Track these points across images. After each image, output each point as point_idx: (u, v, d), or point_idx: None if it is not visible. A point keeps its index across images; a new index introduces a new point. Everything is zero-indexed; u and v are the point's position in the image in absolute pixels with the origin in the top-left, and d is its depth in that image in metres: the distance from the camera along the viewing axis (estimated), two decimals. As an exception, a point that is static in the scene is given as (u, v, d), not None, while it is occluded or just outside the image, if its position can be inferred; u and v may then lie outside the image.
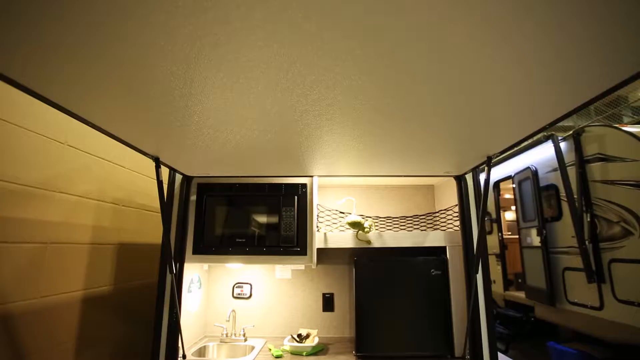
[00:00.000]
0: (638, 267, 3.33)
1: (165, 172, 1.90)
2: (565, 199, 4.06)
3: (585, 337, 4.27)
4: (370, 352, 1.92)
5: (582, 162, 3.91)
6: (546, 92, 0.95)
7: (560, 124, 1.17)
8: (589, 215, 3.82)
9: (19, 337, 1.43)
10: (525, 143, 5.08)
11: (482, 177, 1.79)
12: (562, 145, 4.20)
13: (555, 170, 4.29)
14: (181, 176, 2.00)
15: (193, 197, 2.05)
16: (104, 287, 1.96)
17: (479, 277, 1.84)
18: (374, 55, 0.77)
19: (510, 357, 4.87)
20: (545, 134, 4.57)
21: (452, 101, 1.01)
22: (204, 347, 2.17)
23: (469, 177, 2.00)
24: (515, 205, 5.07)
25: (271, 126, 1.19)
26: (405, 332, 1.93)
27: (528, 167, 4.72)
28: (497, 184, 5.81)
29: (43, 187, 1.56)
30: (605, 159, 3.71)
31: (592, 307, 3.75)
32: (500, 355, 1.88)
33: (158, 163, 1.58)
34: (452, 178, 2.07)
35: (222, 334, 2.25)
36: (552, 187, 4.39)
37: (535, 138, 4.89)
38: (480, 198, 1.96)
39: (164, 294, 1.88)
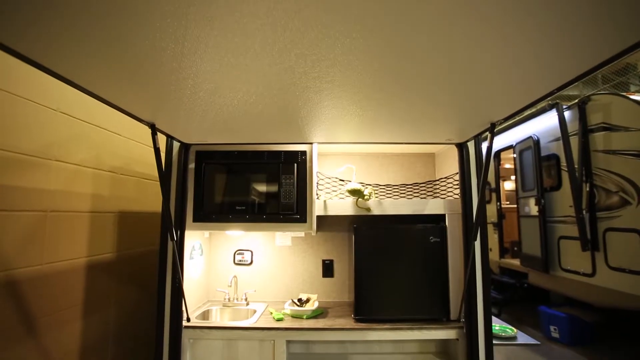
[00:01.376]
0: (632, 236, 3.38)
1: (162, 139, 1.87)
2: (566, 169, 4.06)
3: (576, 302, 4.42)
4: (368, 316, 1.98)
5: (585, 131, 3.86)
6: (551, 58, 0.91)
7: (566, 92, 1.14)
8: (588, 185, 3.83)
9: (27, 301, 1.47)
10: (529, 111, 5.01)
11: (484, 146, 1.76)
12: (566, 114, 4.13)
13: (557, 139, 4.25)
14: (179, 144, 1.97)
15: (192, 165, 2.04)
16: (106, 254, 1.99)
17: (477, 244, 1.86)
18: (378, 10, 0.72)
19: (503, 320, 5.07)
20: (549, 102, 4.48)
21: (458, 67, 0.97)
22: (208, 310, 2.24)
23: (470, 145, 1.97)
24: (515, 174, 5.07)
25: (269, 90, 1.15)
26: (402, 297, 1.99)
27: (530, 137, 4.67)
28: (497, 153, 5.78)
29: (39, 156, 1.54)
30: (609, 128, 3.67)
31: (584, 274, 3.86)
32: (493, 318, 1.94)
33: (154, 130, 1.55)
34: (453, 146, 2.04)
35: (225, 299, 2.31)
36: (553, 157, 4.37)
37: (539, 106, 4.80)
38: (482, 166, 1.95)
39: (165, 261, 1.91)
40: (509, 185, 7.22)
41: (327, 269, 2.46)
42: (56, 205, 1.64)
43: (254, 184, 2.02)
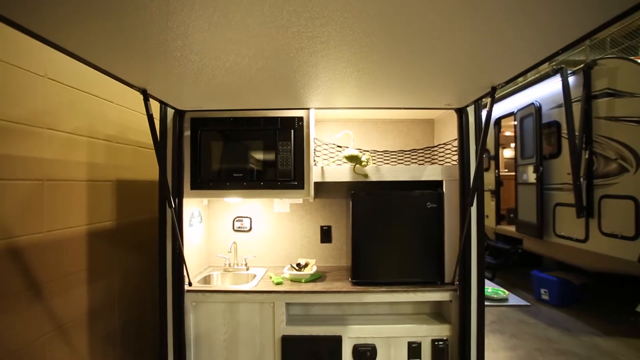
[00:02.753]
0: (627, 202, 3.42)
1: (156, 107, 1.83)
2: (566, 136, 4.03)
3: (567, 266, 4.55)
4: (365, 279, 2.04)
5: (588, 97, 3.79)
6: (555, 17, 0.87)
7: (572, 58, 1.10)
8: (587, 152, 3.82)
9: (31, 268, 1.50)
10: (532, 77, 4.88)
11: (485, 113, 1.73)
12: (570, 79, 4.03)
13: (559, 106, 4.18)
14: (173, 110, 1.93)
15: (187, 133, 2.01)
16: (106, 222, 2.01)
17: (474, 209, 1.88)
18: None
19: (496, 284, 5.25)
20: (554, 67, 4.36)
21: (458, 26, 0.92)
22: (209, 275, 2.30)
23: (470, 111, 1.93)
24: (515, 142, 5.04)
25: (262, 51, 1.10)
26: (399, 261, 2.04)
27: (532, 103, 4.59)
28: (498, 120, 5.71)
29: (30, 124, 1.51)
30: (613, 94, 3.59)
31: (577, 240, 3.94)
32: (486, 282, 2.00)
33: (146, 96, 1.51)
34: (453, 112, 2.00)
35: (225, 264, 2.37)
36: (554, 124, 4.32)
37: (542, 72, 4.68)
38: (481, 132, 1.92)
39: (165, 228, 1.94)
40: (508, 153, 7.20)
41: (325, 235, 2.51)
42: (52, 174, 1.63)
43: (251, 150, 2.00)
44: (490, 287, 4.86)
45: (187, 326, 1.96)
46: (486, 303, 1.96)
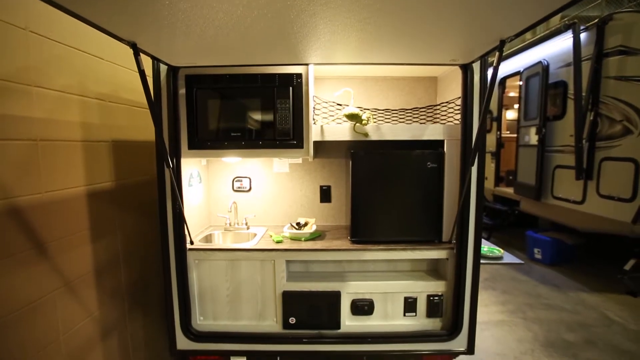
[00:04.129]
0: (627, 165, 3.42)
1: (148, 63, 1.75)
2: (572, 97, 3.93)
3: (561, 227, 4.65)
4: (364, 237, 2.08)
5: (600, 55, 3.64)
6: None
7: (585, 14, 1.02)
8: (592, 113, 3.75)
9: (33, 228, 1.51)
10: (541, 34, 4.66)
11: (490, 71, 1.65)
12: (582, 36, 3.85)
13: (567, 65, 4.04)
14: (166, 67, 1.86)
15: (182, 91, 1.94)
16: (105, 183, 2.00)
17: (474, 169, 1.87)
18: None
19: (492, 244, 5.39)
20: (566, 22, 4.15)
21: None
22: (210, 234, 2.35)
23: (476, 67, 1.86)
24: (519, 102, 4.94)
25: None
26: (398, 220, 2.06)
27: (539, 62, 4.43)
28: (502, 80, 5.55)
29: (15, 81, 1.45)
30: (626, 51, 3.45)
31: (574, 202, 3.99)
32: (482, 241, 2.04)
33: (136, 50, 1.43)
34: (457, 69, 1.92)
35: (226, 224, 2.41)
36: (561, 84, 4.20)
37: (553, 27, 4.46)
38: (486, 90, 1.86)
39: (164, 188, 1.94)
40: (510, 114, 7.08)
41: (325, 195, 2.52)
42: (45, 134, 1.59)
43: (249, 109, 1.95)
44: (486, 246, 5.00)
45: (190, 283, 2.02)
46: (481, 261, 2.01)
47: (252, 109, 1.95)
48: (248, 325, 2.07)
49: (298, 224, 2.25)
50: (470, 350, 2.01)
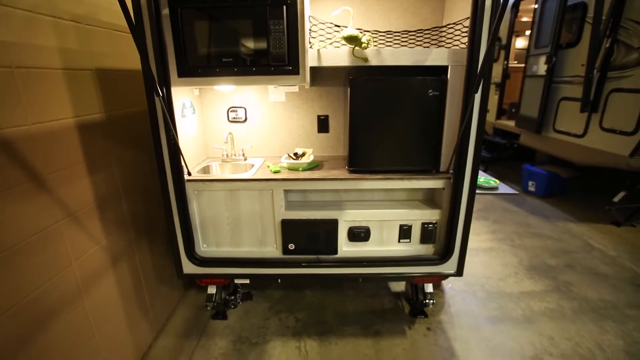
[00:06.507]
0: (635, 97, 3.32)
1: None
2: (590, 21, 3.65)
3: (558, 161, 4.67)
4: (361, 167, 2.08)
5: (629, -30, 3.29)
6: None
7: None
8: (609, 40, 3.51)
9: (27, 160, 1.48)
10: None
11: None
12: (612, -53, 3.43)
13: (590, -16, 3.67)
14: (145, -19, 1.66)
15: (165, 11, 1.77)
16: (95, 114, 1.93)
17: (477, 97, 1.79)
18: None
19: (488, 175, 5.48)
20: None
21: None
22: (208, 166, 2.34)
23: (490, -19, 1.67)
24: (532, 28, 4.61)
25: None
26: (396, 149, 2.05)
27: (560, -20, 4.02)
28: (516, 3, 5.11)
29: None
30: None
31: (574, 135, 3.95)
32: (479, 172, 2.05)
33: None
34: (469, -17, 1.73)
35: (223, 155, 2.39)
36: (580, 6, 3.87)
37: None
38: (497, 9, 1.70)
39: (156, 119, 1.88)
40: (520, 43, 6.67)
41: (322, 125, 2.47)
42: (20, 60, 1.48)
43: (240, 32, 1.80)
44: (482, 177, 5.08)
45: (191, 213, 2.07)
46: (477, 191, 2.04)
47: (243, 31, 1.80)
48: (249, 252, 2.17)
49: (295, 154, 2.24)
50: (459, 272, 2.14)
